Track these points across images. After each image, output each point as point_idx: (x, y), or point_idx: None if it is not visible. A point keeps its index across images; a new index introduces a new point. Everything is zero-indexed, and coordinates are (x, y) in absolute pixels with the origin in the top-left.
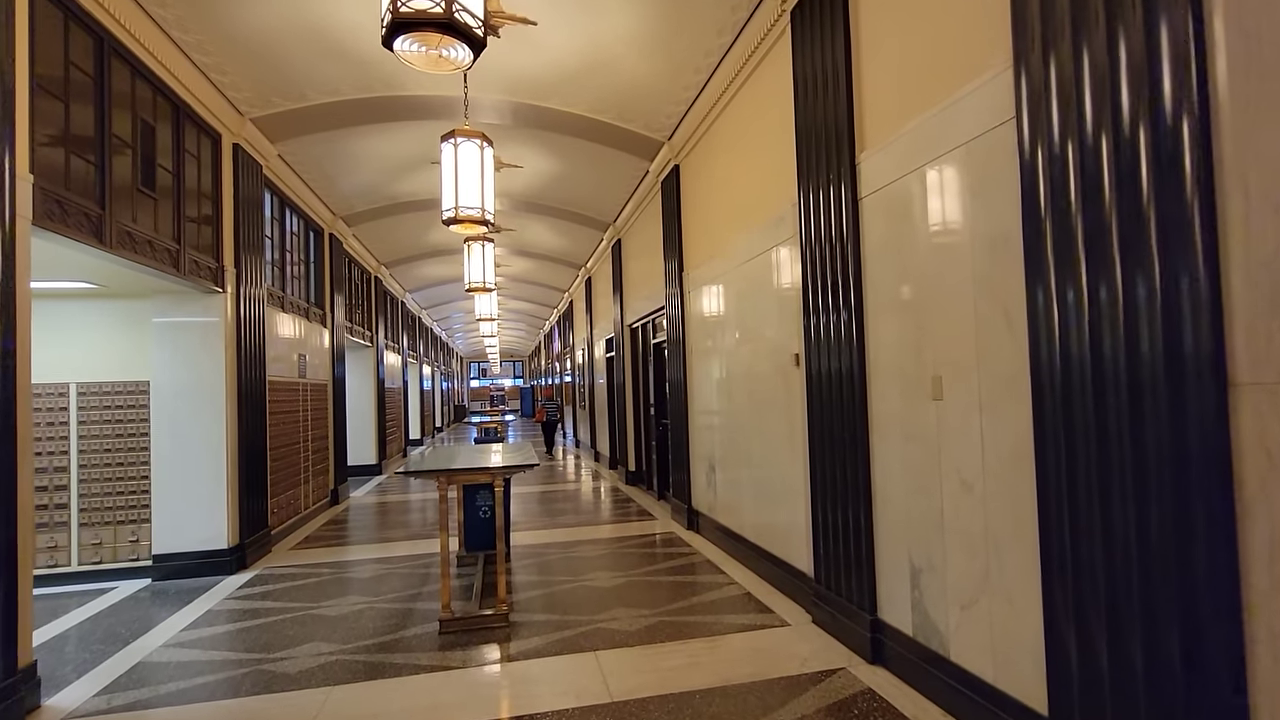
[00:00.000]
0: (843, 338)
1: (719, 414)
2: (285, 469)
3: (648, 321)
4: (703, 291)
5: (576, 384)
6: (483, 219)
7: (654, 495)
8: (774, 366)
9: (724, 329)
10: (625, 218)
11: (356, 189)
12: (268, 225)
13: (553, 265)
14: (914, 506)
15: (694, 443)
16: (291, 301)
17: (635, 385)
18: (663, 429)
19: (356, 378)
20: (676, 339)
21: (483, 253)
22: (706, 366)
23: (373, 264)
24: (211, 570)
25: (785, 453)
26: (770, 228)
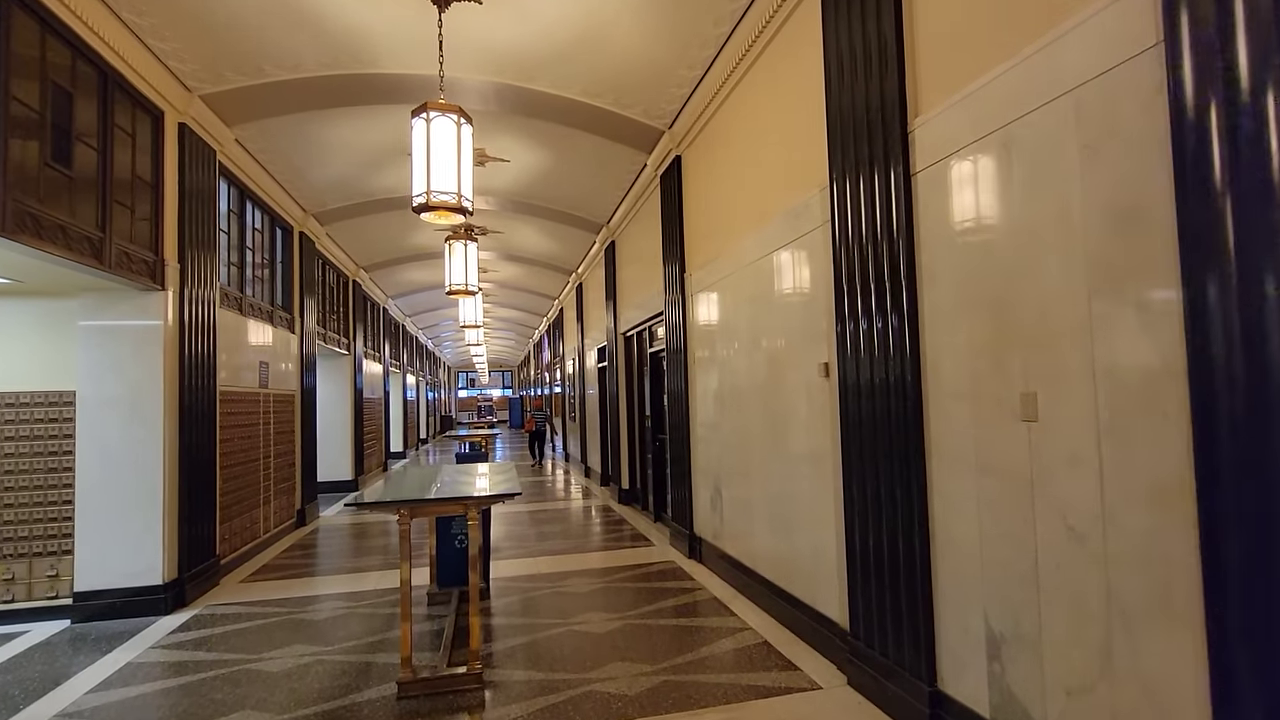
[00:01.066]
0: (889, 344)
1: (726, 429)
2: (241, 489)
3: (644, 329)
4: (707, 295)
5: (567, 395)
6: (459, 205)
7: (649, 516)
8: (795, 377)
9: (732, 336)
10: (620, 218)
11: (328, 183)
12: (223, 219)
13: (542, 271)
14: (993, 555)
15: (696, 461)
16: (253, 304)
17: (630, 397)
18: (659, 444)
19: (331, 387)
20: (677, 347)
21: (465, 252)
22: (711, 377)
23: (350, 267)
24: (143, 609)
25: (809, 476)
26: (790, 220)
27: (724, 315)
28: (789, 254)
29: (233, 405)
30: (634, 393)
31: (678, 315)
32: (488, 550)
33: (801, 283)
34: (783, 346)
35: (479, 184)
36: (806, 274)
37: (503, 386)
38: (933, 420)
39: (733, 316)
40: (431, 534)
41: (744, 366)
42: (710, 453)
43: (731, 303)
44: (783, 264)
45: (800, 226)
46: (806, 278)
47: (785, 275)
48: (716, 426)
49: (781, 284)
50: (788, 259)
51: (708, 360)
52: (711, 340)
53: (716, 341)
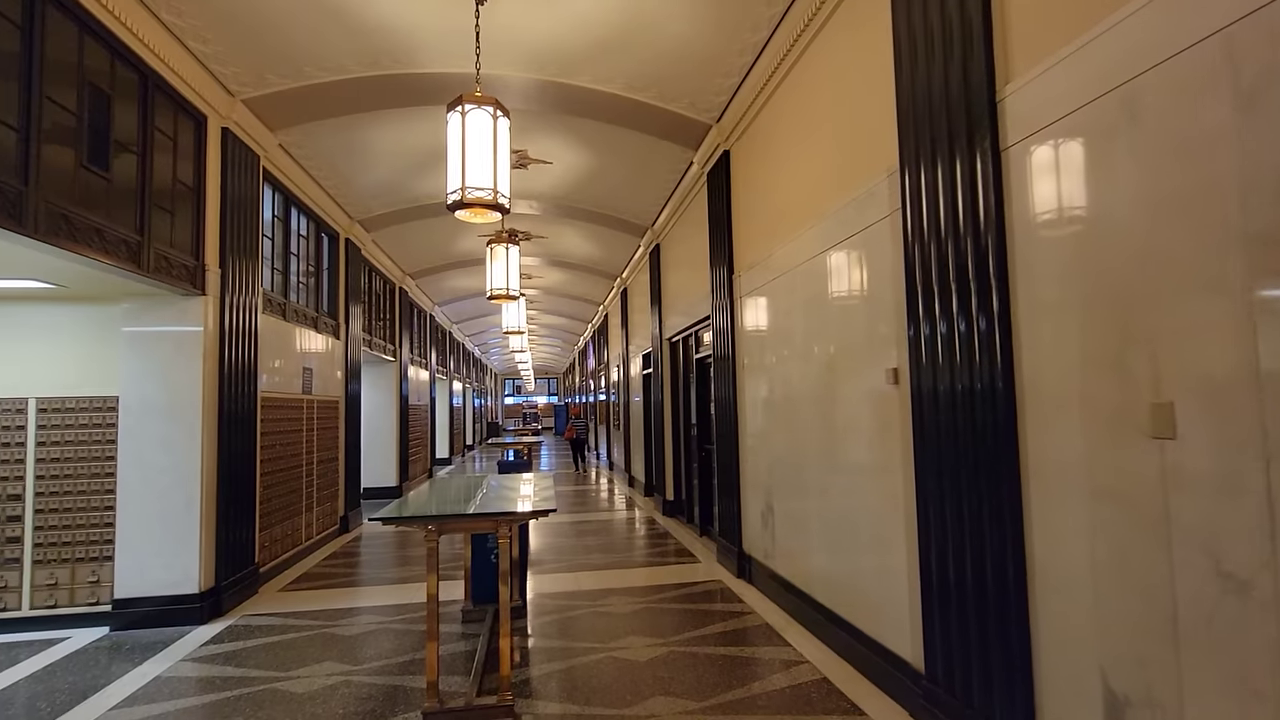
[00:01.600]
0: (974, 348)
1: (779, 440)
2: (282, 496)
3: (689, 334)
4: (757, 297)
5: (611, 402)
6: (495, 202)
7: (695, 530)
8: (857, 384)
9: (785, 340)
10: (665, 220)
11: (373, 188)
12: (268, 225)
13: (586, 276)
14: (1113, 601)
15: (746, 473)
16: (297, 310)
17: (675, 405)
18: (706, 454)
19: (377, 394)
20: (725, 353)
21: (506, 256)
22: (762, 384)
23: (397, 274)
24: (179, 618)
25: (873, 493)
26: (850, 212)
27: (776, 318)
28: (849, 250)
29: (274, 411)
30: (679, 400)
31: (725, 320)
32: (525, 564)
33: (864, 281)
34: (842, 351)
35: (522, 188)
36: (870, 271)
37: (548, 393)
38: (1030, 434)
39: (785, 319)
40: (466, 546)
41: (798, 373)
42: (761, 465)
43: (784, 305)
44: (842, 261)
45: (863, 218)
46: (870, 275)
47: (845, 273)
48: (768, 437)
49: (840, 283)
50: (848, 255)
51: (758, 366)
52: (762, 345)
53: (767, 346)
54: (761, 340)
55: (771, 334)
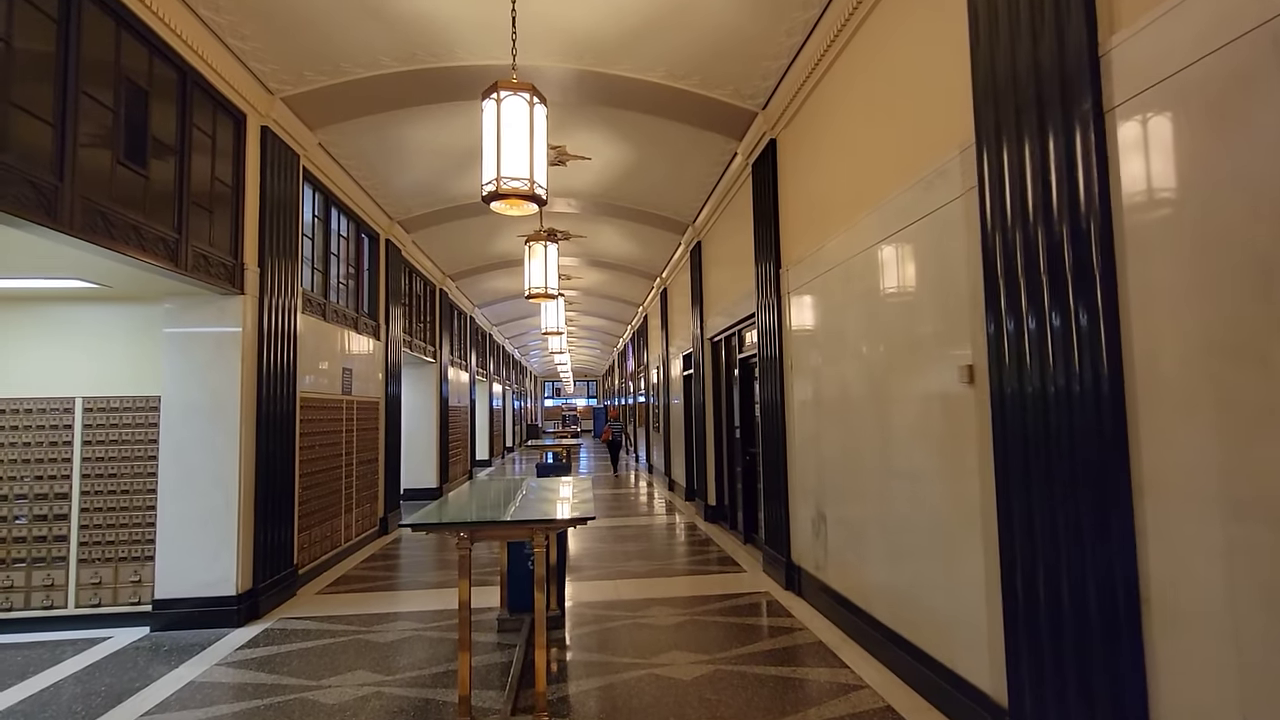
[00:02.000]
0: (1072, 342)
1: (831, 444)
2: (321, 497)
3: (732, 333)
4: (806, 293)
5: (650, 405)
6: (531, 193)
7: (738, 537)
8: (923, 384)
9: (838, 337)
10: (706, 216)
11: (411, 188)
12: (308, 225)
13: (626, 276)
14: (1261, 638)
15: (794, 479)
16: (337, 311)
17: (716, 407)
18: (750, 458)
19: (417, 395)
20: (770, 353)
21: (545, 254)
22: (812, 384)
23: (437, 276)
24: (217, 620)
25: (944, 502)
26: (915, 195)
27: (827, 314)
28: (913, 237)
29: (314, 412)
30: (721, 402)
31: (771, 317)
32: (563, 571)
33: (931, 271)
34: (904, 348)
35: (560, 185)
36: (938, 259)
37: (587, 396)
38: (1145, 440)
39: (838, 315)
40: (503, 551)
41: (853, 372)
42: (811, 470)
43: (836, 300)
44: (904, 250)
45: (930, 201)
46: (938, 264)
47: (907, 263)
48: (818, 440)
49: (902, 274)
50: (912, 243)
51: (807, 366)
52: (811, 343)
53: (818, 344)
54: (811, 338)
55: (822, 331)
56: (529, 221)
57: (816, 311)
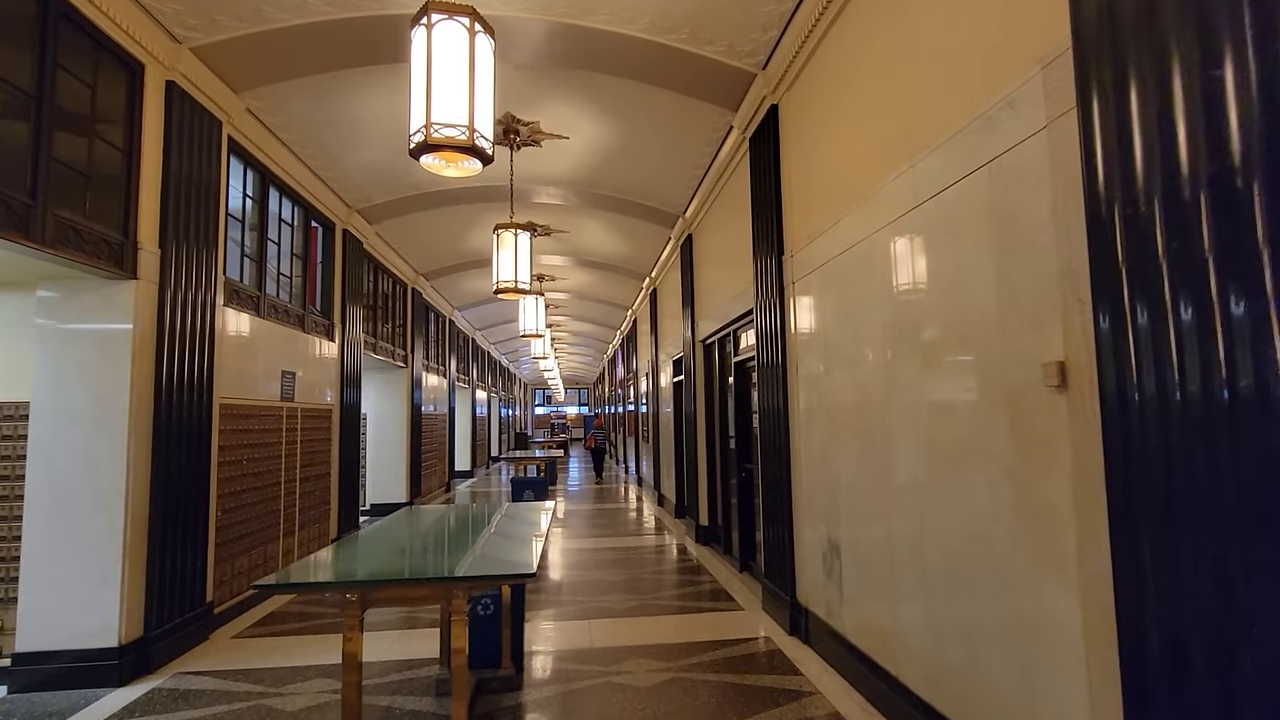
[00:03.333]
0: (1252, 330)
1: (850, 463)
2: (252, 520)
3: (726, 334)
4: (816, 282)
5: (640, 413)
6: (471, 144)
7: (733, 563)
8: (984, 388)
9: (858, 331)
10: (698, 206)
11: (368, 170)
12: (238, 206)
13: (614, 277)
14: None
15: (800, 503)
16: (277, 306)
17: (709, 416)
18: (746, 474)
19: (386, 402)
20: (772, 355)
21: (515, 245)
22: (824, 391)
23: (408, 274)
24: (93, 678)
25: (1014, 546)
26: (968, 141)
27: (841, 306)
28: (965, 196)
29: (240, 421)
30: (715, 411)
31: (773, 315)
32: (520, 617)
33: (994, 238)
34: (951, 342)
35: (536, 171)
36: (1005, 222)
37: (579, 404)
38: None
39: (856, 306)
40: None
41: (876, 374)
42: (821, 493)
43: (854, 287)
44: (950, 214)
45: (989, 145)
46: (1006, 228)
47: (957, 232)
48: (832, 458)
49: (948, 247)
50: (962, 204)
51: (816, 368)
52: (822, 341)
53: (830, 342)
54: (821, 336)
55: (835, 326)
56: (504, 212)
57: (827, 303)
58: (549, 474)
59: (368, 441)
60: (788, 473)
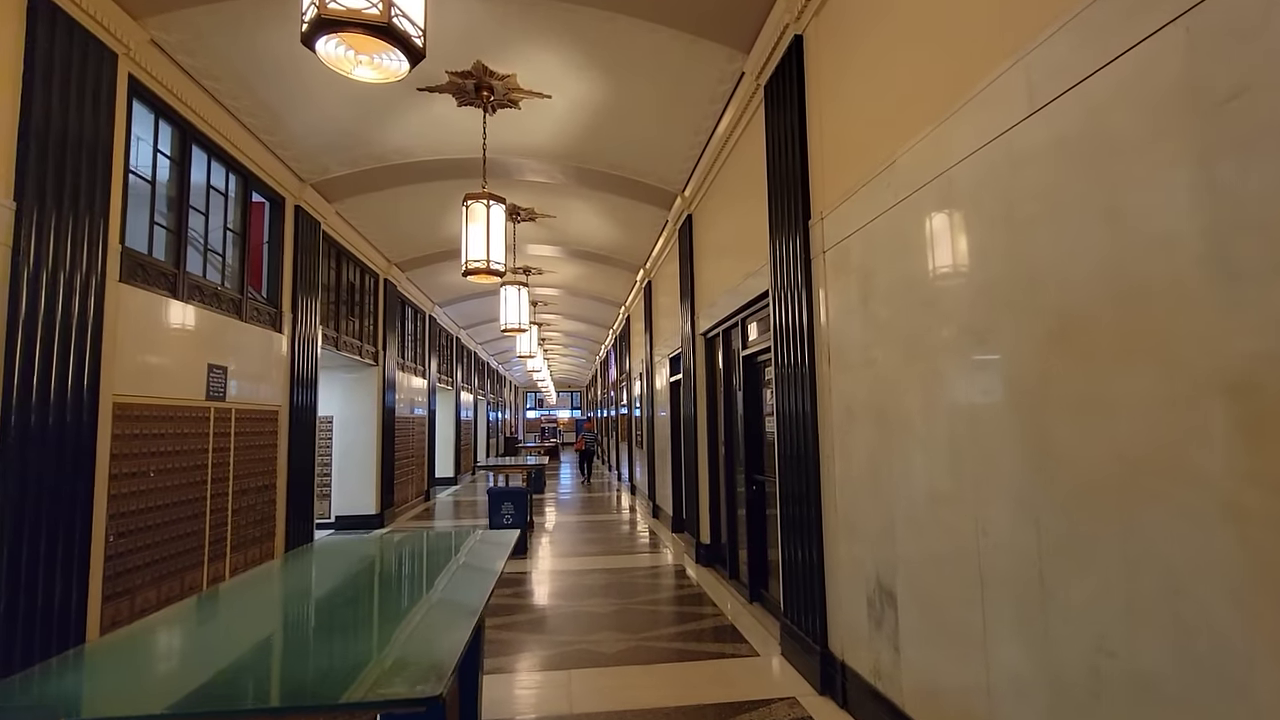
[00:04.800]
0: None
1: (917, 484)
2: (164, 544)
3: (733, 325)
4: (860, 246)
5: (634, 417)
6: (385, 21)
7: (742, 592)
8: (1186, 376)
9: (935, 305)
10: (699, 181)
11: (321, 134)
12: (146, 162)
13: (606, 270)
14: None
15: (836, 528)
16: (201, 288)
17: (712, 419)
18: (758, 487)
19: (353, 404)
20: (794, 347)
21: (487, 219)
22: (873, 386)
23: (379, 263)
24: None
25: (1252, 649)
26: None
27: (904, 270)
28: (1138, 74)
29: (147, 424)
30: (719, 413)
31: (795, 296)
32: (476, 690)
33: (1203, 131)
34: (1122, 302)
35: (516, 141)
36: (1227, 98)
37: (571, 407)
38: None
39: (927, 268)
40: None
41: (966, 360)
42: (866, 515)
43: (922, 243)
44: (1108, 108)
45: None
46: (1228, 110)
47: (1124, 131)
48: (881, 472)
49: (1109, 155)
50: (1134, 87)
51: (862, 358)
52: (871, 323)
53: (884, 322)
54: (869, 316)
55: (893, 300)
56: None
57: (877, 272)
58: (536, 482)
59: (333, 447)
60: (815, 489)
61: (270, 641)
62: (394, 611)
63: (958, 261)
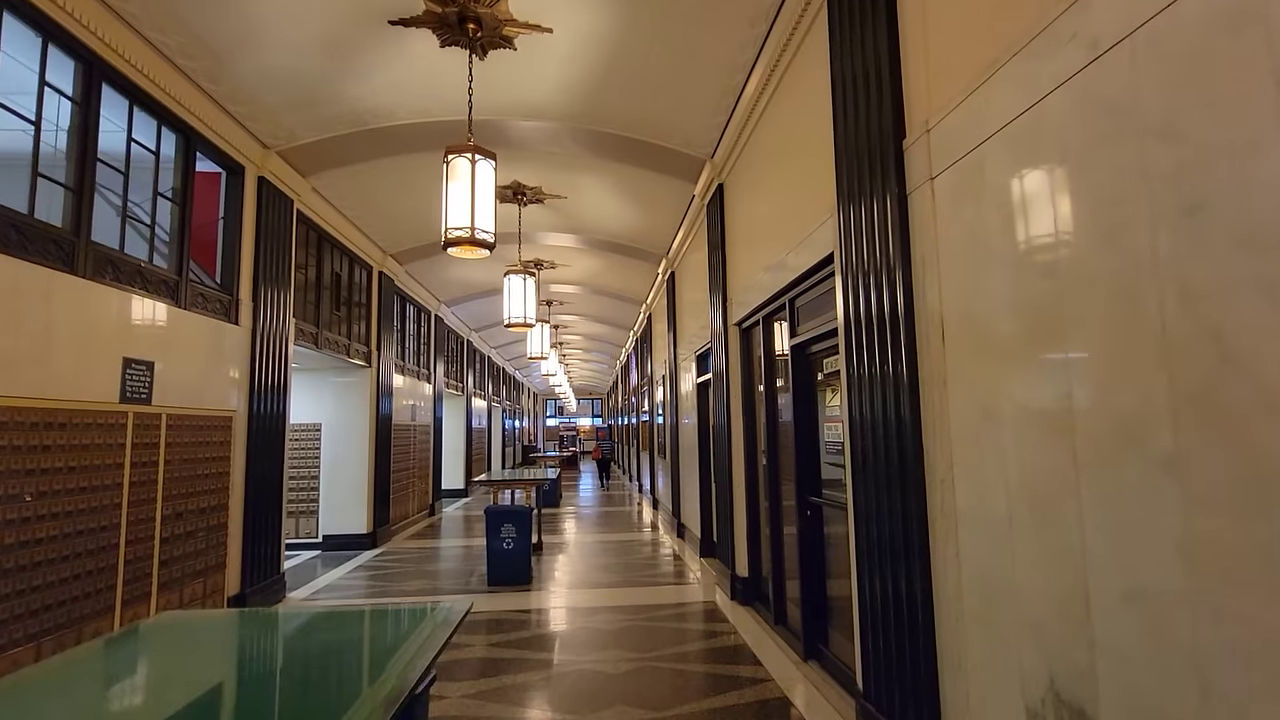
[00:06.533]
0: None
1: (1147, 539)
2: (52, 587)
3: (777, 306)
4: (1013, 149)
5: (656, 424)
6: None
7: (792, 644)
8: None
9: (1201, 213)
10: (733, 138)
11: (278, 83)
12: (19, 84)
13: (626, 262)
14: None
15: (960, 592)
16: (116, 262)
17: (749, 427)
18: (813, 513)
19: (344, 411)
20: (880, 326)
21: (471, 174)
22: (1045, 374)
23: (373, 254)
24: None
25: None
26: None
27: (1121, 170)
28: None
29: (18, 433)
30: (757, 418)
31: (882, 251)
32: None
33: None
34: None
35: (510, 95)
36: None
37: (592, 415)
38: None
39: (1166, 161)
40: None
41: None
42: (1022, 573)
43: (1178, 103)
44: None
45: None
46: None
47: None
48: (1055, 507)
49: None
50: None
51: (1014, 328)
52: (1039, 272)
53: (1073, 266)
54: (1029, 263)
55: (1095, 224)
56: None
57: (1056, 186)
58: (549, 495)
59: (322, 459)
60: (919, 526)
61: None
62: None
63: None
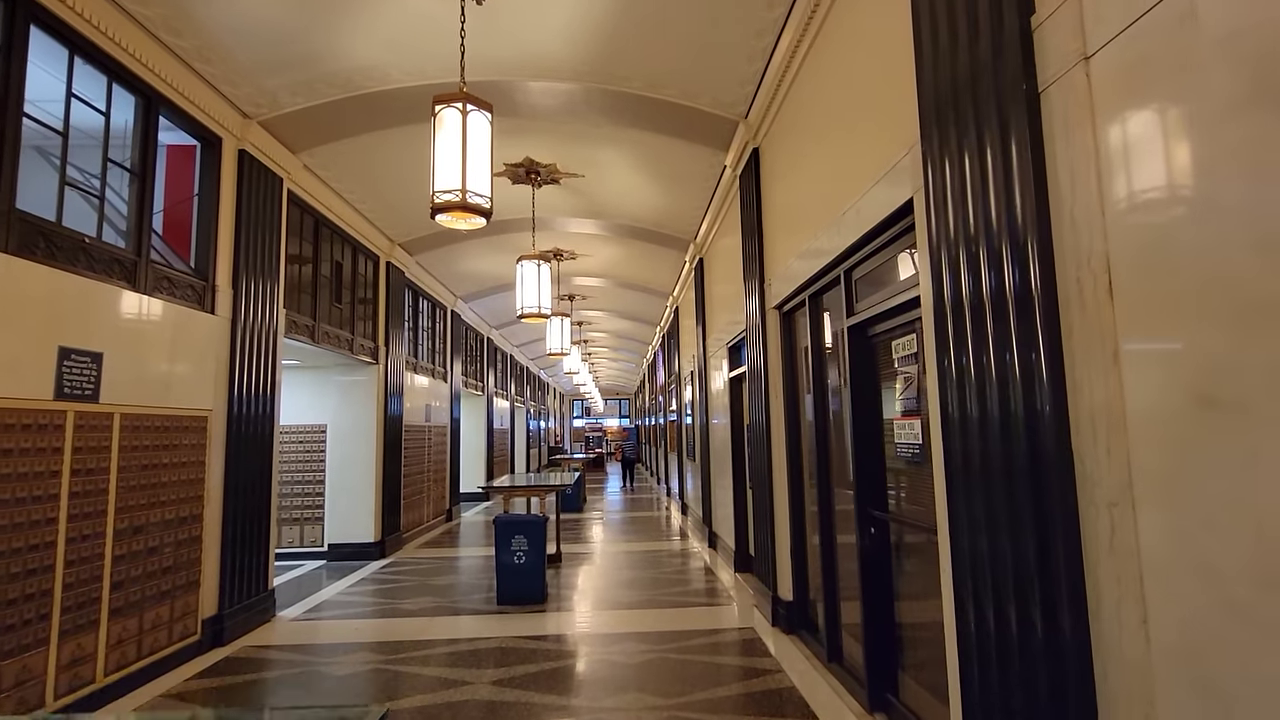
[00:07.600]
0: None
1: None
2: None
3: (830, 280)
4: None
5: (684, 425)
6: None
7: (853, 689)
8: None
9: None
10: (771, 87)
11: (256, 38)
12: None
13: (650, 250)
14: None
15: (1152, 677)
16: (51, 237)
17: (792, 425)
18: (878, 531)
19: (349, 411)
20: (990, 280)
21: (463, 127)
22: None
23: (379, 242)
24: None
25: None
26: None
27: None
28: None
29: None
30: (801, 416)
31: (997, 169)
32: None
33: None
34: None
35: (513, 46)
36: None
37: (620, 415)
38: None
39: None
40: None
41: None
42: (1270, 661)
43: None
44: None
45: None
46: None
47: None
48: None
49: None
50: None
51: (1246, 268)
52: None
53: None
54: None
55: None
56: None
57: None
58: (571, 499)
59: (327, 462)
60: (1075, 578)
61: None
62: None
63: None
